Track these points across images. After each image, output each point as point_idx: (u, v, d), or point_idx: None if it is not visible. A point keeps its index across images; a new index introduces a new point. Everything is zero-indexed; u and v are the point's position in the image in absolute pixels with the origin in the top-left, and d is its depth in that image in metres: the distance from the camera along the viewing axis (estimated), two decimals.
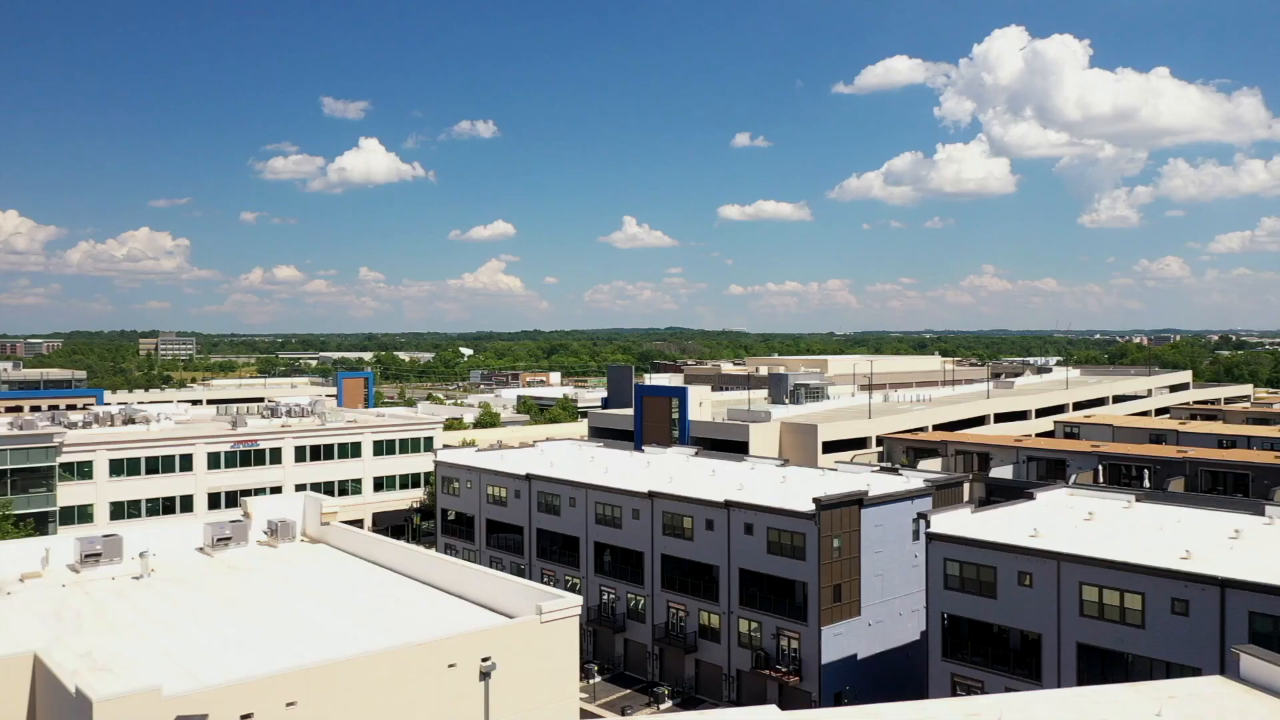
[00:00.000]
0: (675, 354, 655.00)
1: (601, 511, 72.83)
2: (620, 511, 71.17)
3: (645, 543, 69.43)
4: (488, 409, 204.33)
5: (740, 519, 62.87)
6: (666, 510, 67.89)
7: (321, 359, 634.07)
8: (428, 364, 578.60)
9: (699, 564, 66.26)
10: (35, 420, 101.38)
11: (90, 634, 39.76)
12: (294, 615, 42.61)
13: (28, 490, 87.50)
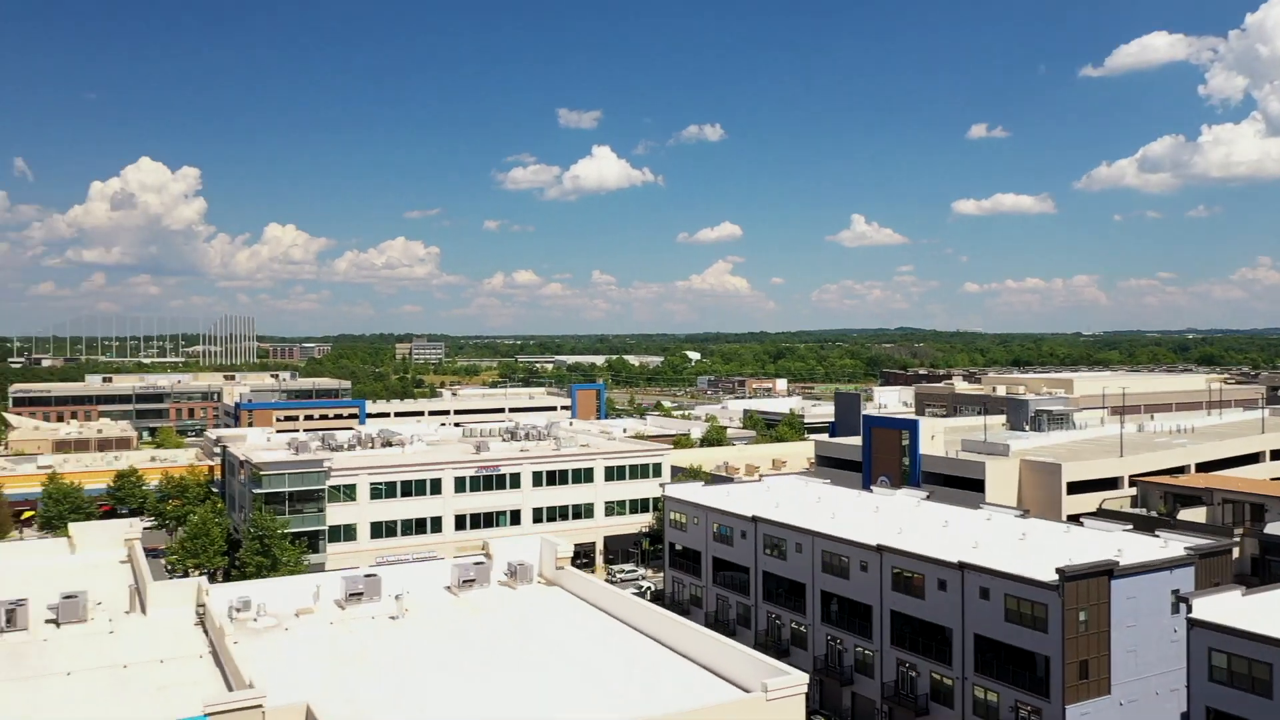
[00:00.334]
0: (905, 358, 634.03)
1: (829, 560, 71.85)
2: (848, 562, 69.93)
3: (874, 596, 67.85)
4: (714, 423, 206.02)
5: (975, 582, 60.14)
6: (896, 565, 66.00)
7: (556, 363, 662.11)
8: (656, 369, 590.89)
9: (930, 624, 63.94)
10: (309, 442, 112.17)
11: (354, 680, 43.69)
12: (532, 667, 45.01)
13: (302, 511, 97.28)
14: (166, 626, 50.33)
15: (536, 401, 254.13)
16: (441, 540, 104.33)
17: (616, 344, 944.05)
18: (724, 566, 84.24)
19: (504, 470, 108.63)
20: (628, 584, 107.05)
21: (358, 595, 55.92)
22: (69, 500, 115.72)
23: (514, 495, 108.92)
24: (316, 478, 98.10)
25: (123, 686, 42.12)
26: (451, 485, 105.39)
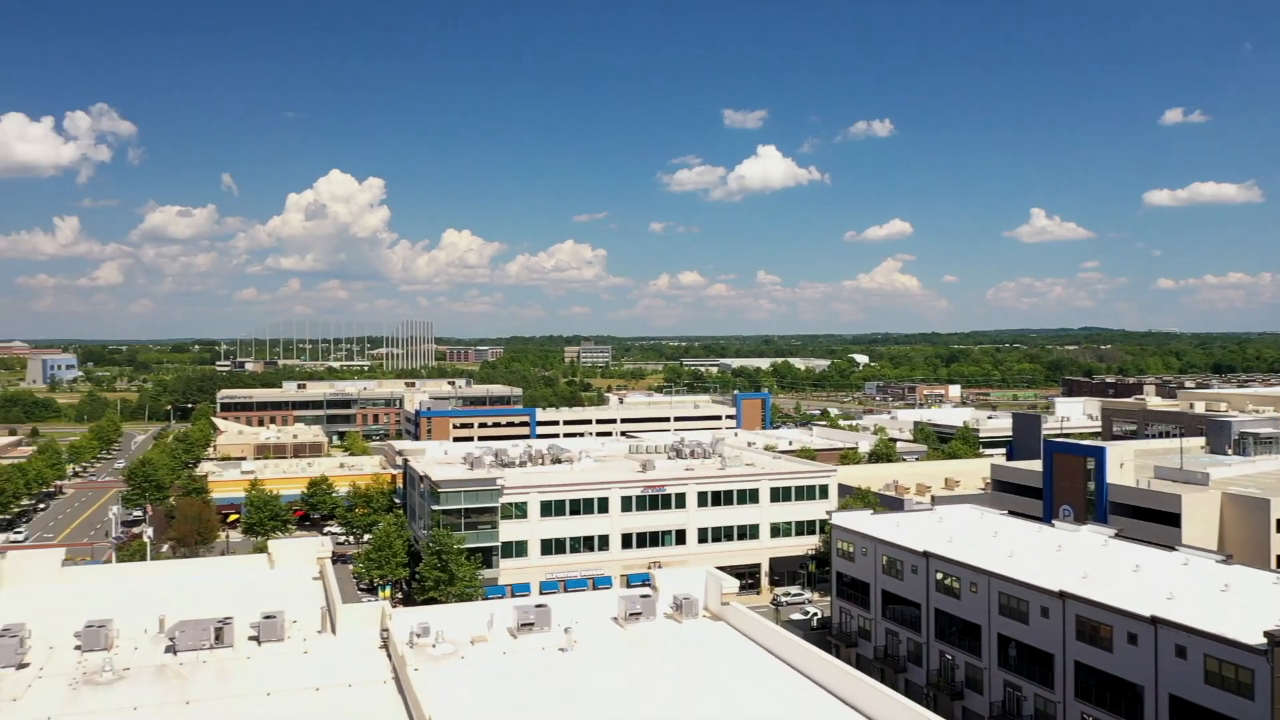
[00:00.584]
0: (1090, 362, 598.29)
1: (1006, 602, 68.66)
2: (1027, 606, 66.60)
3: (1055, 644, 64.35)
4: (883, 436, 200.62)
5: (1170, 639, 56.03)
6: (1081, 614, 62.34)
7: (721, 366, 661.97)
8: (822, 373, 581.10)
9: (1119, 679, 60.05)
10: (483, 457, 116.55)
11: (526, 714, 45.01)
12: (697, 705, 45.17)
13: (477, 527, 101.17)
14: (354, 649, 53.20)
15: (701, 410, 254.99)
16: (609, 558, 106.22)
17: (781, 345, 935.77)
18: (894, 600, 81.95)
19: (670, 490, 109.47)
20: (793, 607, 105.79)
21: (529, 625, 57.54)
22: (268, 508, 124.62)
23: (679, 515, 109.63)
24: (490, 495, 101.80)
25: (315, 711, 44.87)
26: (618, 504, 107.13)
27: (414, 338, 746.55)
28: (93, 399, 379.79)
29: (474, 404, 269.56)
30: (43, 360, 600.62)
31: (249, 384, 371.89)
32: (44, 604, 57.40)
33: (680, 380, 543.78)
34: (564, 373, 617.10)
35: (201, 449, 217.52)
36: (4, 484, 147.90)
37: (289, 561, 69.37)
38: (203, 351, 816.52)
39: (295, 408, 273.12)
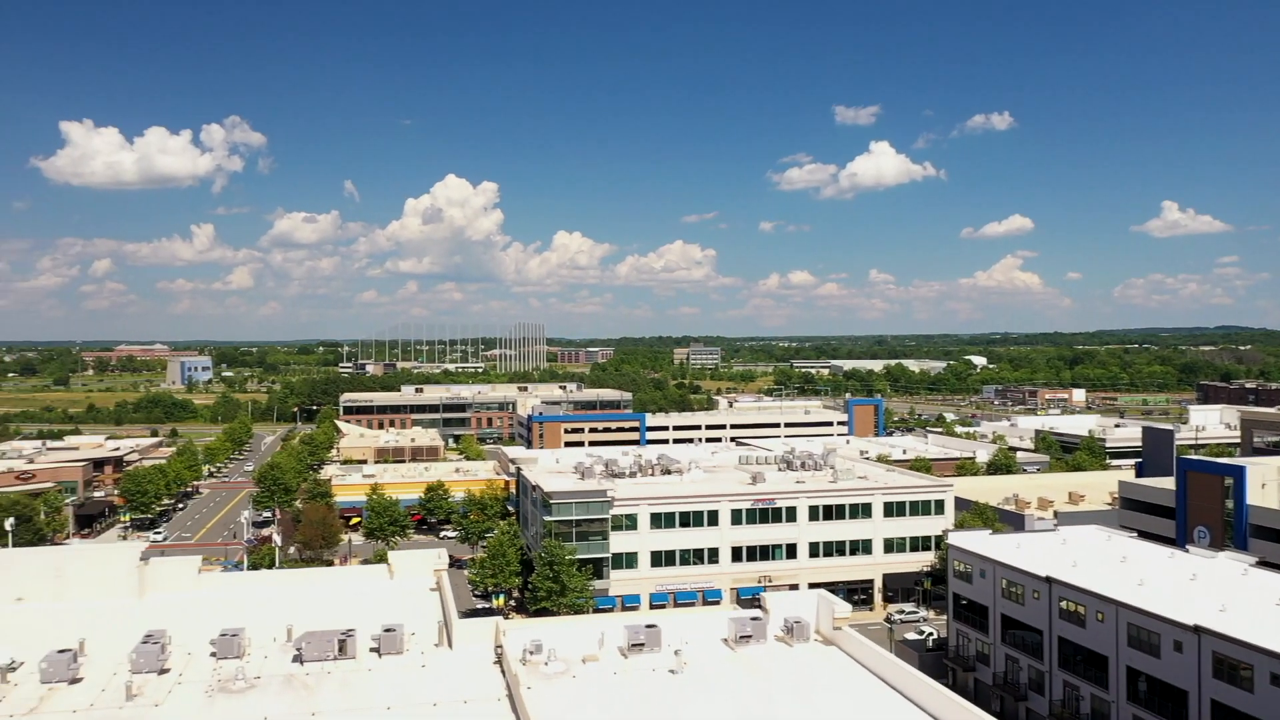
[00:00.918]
0: (1229, 364, 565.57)
1: (1135, 634, 65.52)
2: (1159, 639, 63.40)
3: (1190, 681, 61.07)
4: (1002, 445, 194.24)
5: None
6: (1218, 651, 59.03)
7: (832, 368, 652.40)
8: (938, 375, 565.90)
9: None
10: (593, 467, 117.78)
11: None
12: None
13: (588, 538, 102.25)
14: (469, 664, 54.36)
15: (812, 416, 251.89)
16: (719, 571, 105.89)
17: (895, 346, 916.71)
18: (1014, 625, 79.18)
19: (780, 503, 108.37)
20: (908, 626, 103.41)
21: (639, 645, 57.77)
22: (387, 514, 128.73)
23: (790, 529, 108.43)
24: (601, 507, 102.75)
25: None
26: (728, 517, 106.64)
27: (526, 339, 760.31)
28: (226, 400, 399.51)
29: (584, 408, 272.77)
30: (181, 362, 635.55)
31: (369, 386, 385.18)
32: (182, 611, 60.41)
33: (790, 382, 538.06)
34: (673, 374, 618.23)
35: (325, 451, 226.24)
36: (146, 485, 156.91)
37: (407, 572, 71.33)
38: (327, 353, 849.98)
39: (413, 411, 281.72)
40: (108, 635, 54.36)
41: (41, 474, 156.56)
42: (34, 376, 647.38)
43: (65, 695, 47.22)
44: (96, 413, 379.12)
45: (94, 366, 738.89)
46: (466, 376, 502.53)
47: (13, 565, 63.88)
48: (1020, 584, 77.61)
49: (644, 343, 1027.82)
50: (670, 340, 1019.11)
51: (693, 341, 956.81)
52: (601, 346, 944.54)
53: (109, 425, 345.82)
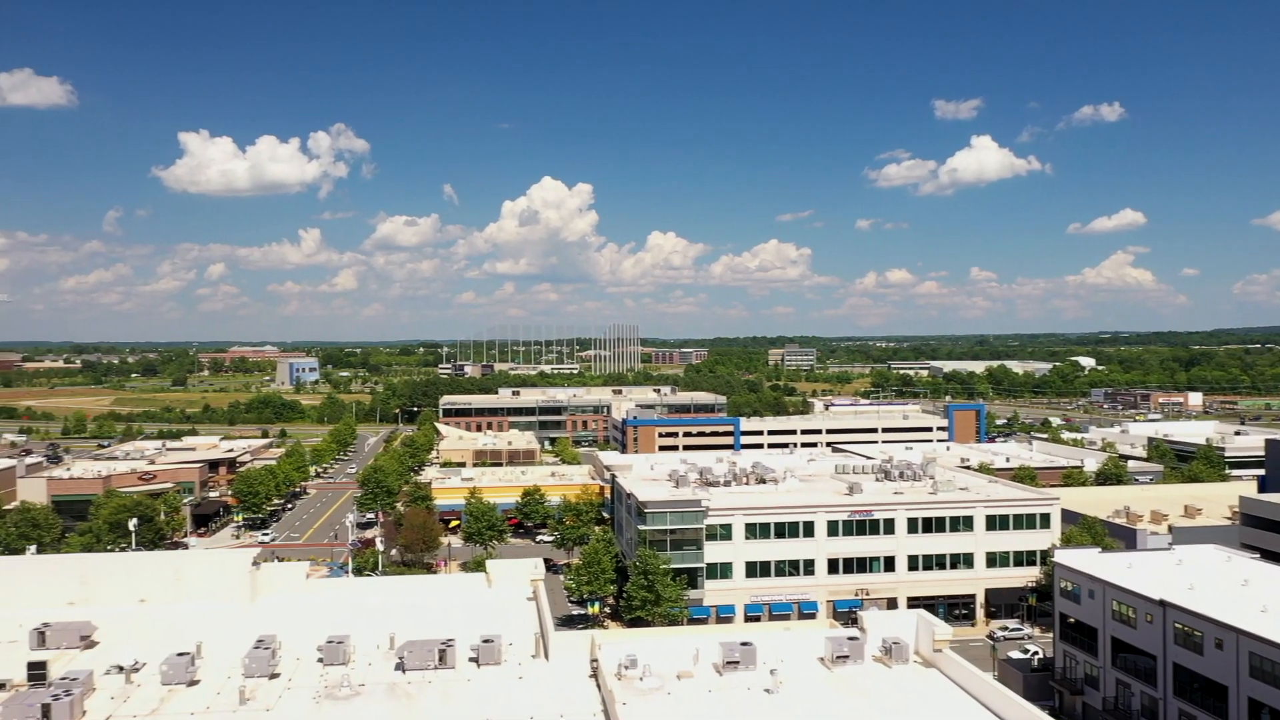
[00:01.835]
0: None
1: (1259, 665, 62.19)
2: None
3: None
4: (1112, 454, 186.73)
5: None
6: None
7: (932, 370, 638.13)
8: (1043, 377, 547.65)
9: None
10: (687, 475, 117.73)
11: None
12: None
13: (682, 548, 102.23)
14: (565, 677, 54.92)
15: (911, 421, 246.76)
16: (815, 583, 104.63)
17: (997, 346, 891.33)
18: (1125, 649, 76.04)
19: (877, 515, 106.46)
20: (1011, 643, 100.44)
21: (734, 663, 57.46)
22: (485, 518, 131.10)
23: (888, 541, 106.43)
24: (695, 517, 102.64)
25: None
26: (824, 528, 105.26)
27: (620, 339, 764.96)
28: (331, 401, 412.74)
29: (678, 411, 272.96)
30: (289, 364, 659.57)
31: (467, 389, 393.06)
32: (291, 616, 62.64)
33: (888, 384, 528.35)
34: (768, 376, 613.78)
35: (425, 453, 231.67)
36: (257, 486, 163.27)
37: (505, 581, 72.51)
38: (427, 354, 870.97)
39: (510, 414, 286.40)
40: (222, 638, 56.72)
41: (162, 475, 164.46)
42: (155, 377, 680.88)
43: (184, 697, 49.41)
44: (211, 413, 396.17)
45: (209, 367, 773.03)
46: (562, 379, 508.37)
47: (137, 568, 67.32)
48: (1132, 606, 74.50)
49: (738, 343, 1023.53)
50: (765, 340, 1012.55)
51: (788, 342, 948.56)
52: (695, 347, 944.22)
53: (223, 425, 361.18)
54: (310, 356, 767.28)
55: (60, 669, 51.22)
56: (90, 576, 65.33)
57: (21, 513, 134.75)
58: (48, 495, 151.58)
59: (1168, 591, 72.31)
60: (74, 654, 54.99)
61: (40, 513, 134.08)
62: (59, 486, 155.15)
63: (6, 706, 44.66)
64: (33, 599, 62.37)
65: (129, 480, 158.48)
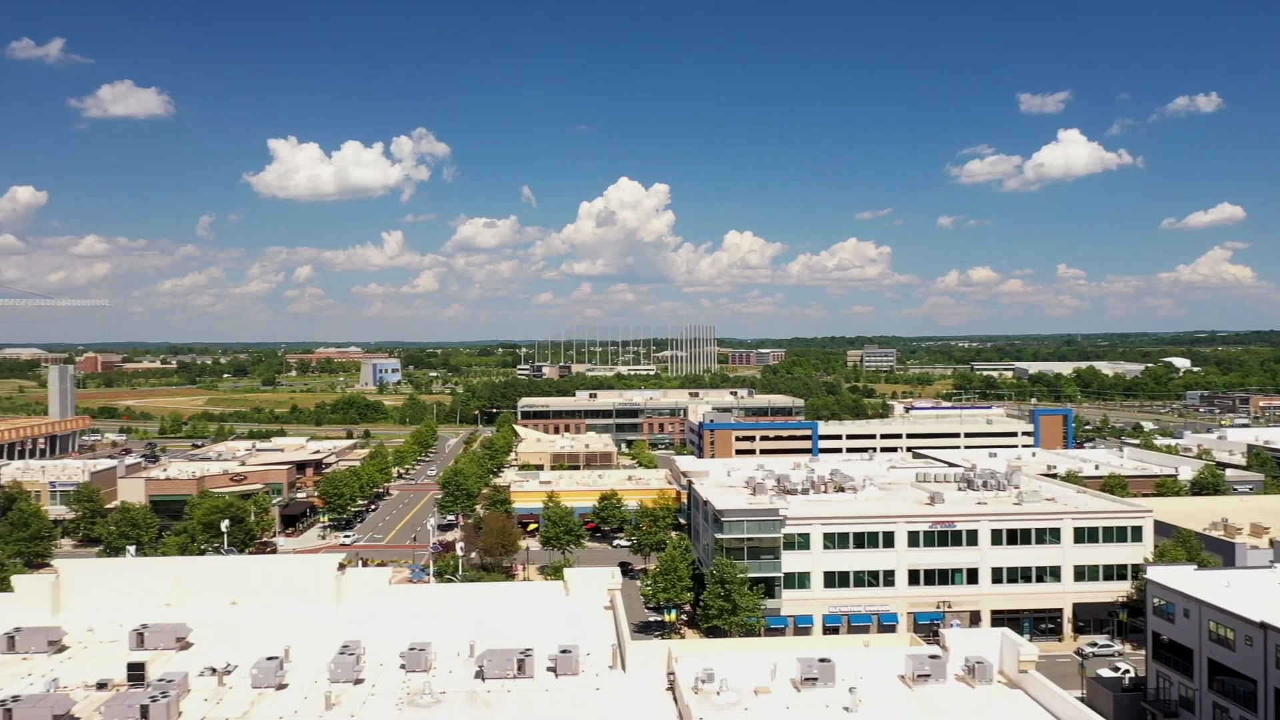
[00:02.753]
0: None
1: None
2: None
3: None
4: (1209, 461, 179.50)
5: None
6: None
7: (1017, 371, 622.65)
8: (1134, 379, 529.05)
9: None
10: (764, 482, 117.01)
11: None
12: None
13: (759, 557, 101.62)
14: (642, 689, 55.01)
15: (994, 426, 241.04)
16: (895, 594, 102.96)
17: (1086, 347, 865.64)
18: (1222, 671, 73.07)
19: (960, 526, 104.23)
20: (1101, 660, 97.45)
21: (812, 680, 56.85)
22: (563, 523, 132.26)
23: (971, 553, 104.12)
24: (772, 525, 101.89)
25: None
26: (904, 539, 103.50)
27: (697, 340, 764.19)
28: (413, 403, 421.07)
29: (755, 414, 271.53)
30: (373, 364, 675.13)
31: (545, 390, 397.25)
32: (374, 621, 63.99)
33: (971, 386, 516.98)
34: (846, 377, 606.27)
35: (504, 455, 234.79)
36: (342, 488, 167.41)
37: (582, 589, 72.90)
38: (505, 354, 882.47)
39: (587, 416, 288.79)
40: (309, 642, 58.25)
41: (252, 476, 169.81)
42: (245, 377, 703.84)
43: (273, 701, 50.86)
44: (299, 413, 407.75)
45: (297, 368, 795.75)
46: (638, 380, 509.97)
47: (229, 571, 69.57)
48: (1231, 628, 71.56)
49: (816, 343, 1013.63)
50: (843, 340, 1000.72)
51: (867, 342, 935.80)
52: (772, 348, 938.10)
53: (309, 425, 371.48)
54: (393, 357, 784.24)
55: (157, 670, 53.17)
56: (185, 579, 67.75)
57: (122, 512, 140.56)
58: (146, 495, 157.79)
59: (1270, 614, 69.27)
60: (170, 655, 57.01)
61: (139, 513, 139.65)
62: (156, 487, 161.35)
63: (108, 706, 46.49)
64: (132, 600, 64.93)
65: (221, 481, 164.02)
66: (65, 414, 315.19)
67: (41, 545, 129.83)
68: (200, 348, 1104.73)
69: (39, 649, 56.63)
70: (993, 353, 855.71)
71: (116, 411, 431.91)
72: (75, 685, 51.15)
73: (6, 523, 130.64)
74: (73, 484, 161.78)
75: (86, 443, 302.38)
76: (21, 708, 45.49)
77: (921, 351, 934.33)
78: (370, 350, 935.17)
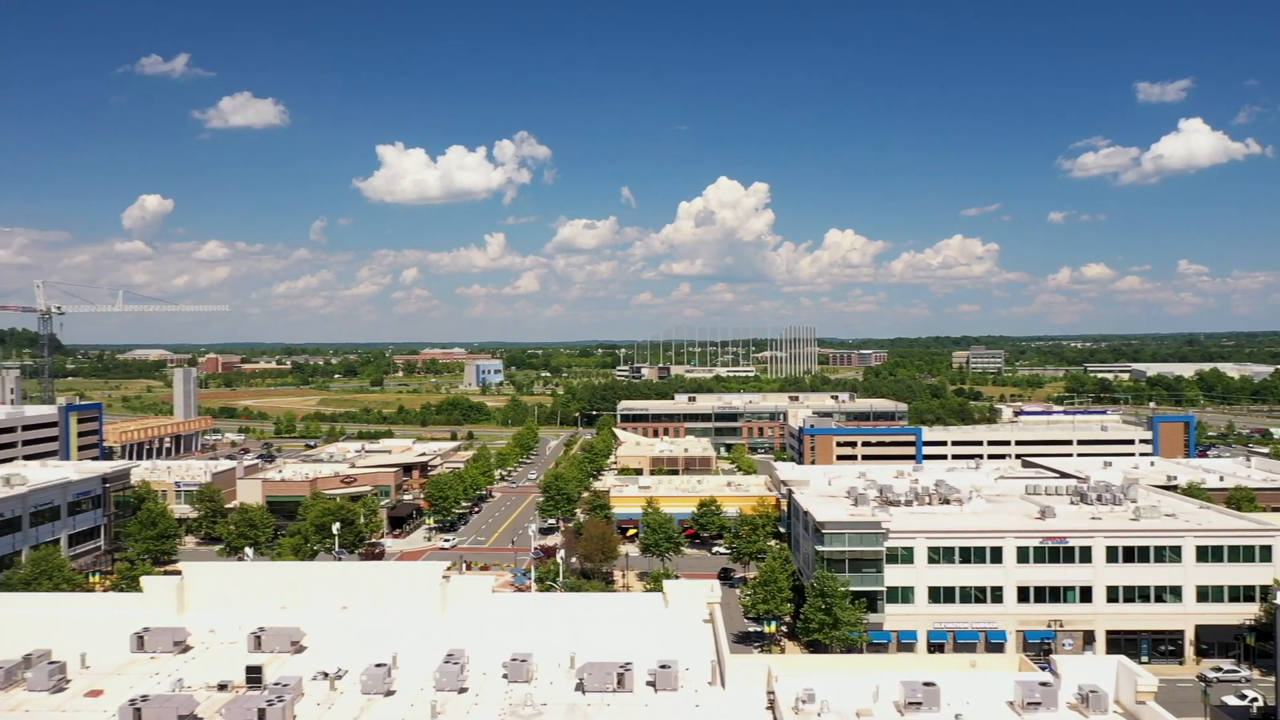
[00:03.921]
0: None
1: None
2: None
3: None
4: None
5: None
6: None
7: (1134, 373, 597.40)
8: (1263, 382, 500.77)
9: None
10: (866, 493, 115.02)
11: None
12: None
13: (861, 570, 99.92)
14: (741, 708, 54.67)
15: (1109, 434, 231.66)
16: (1003, 611, 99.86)
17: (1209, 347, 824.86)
18: None
19: (1073, 543, 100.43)
20: (1226, 686, 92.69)
21: (916, 704, 55.64)
22: (662, 530, 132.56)
23: (1084, 570, 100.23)
24: (875, 539, 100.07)
25: None
26: (1013, 555, 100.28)
27: (797, 340, 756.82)
28: (514, 404, 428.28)
29: (857, 419, 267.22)
30: (476, 365, 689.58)
31: (644, 393, 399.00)
32: (477, 630, 65.26)
33: (1084, 389, 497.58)
34: (952, 379, 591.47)
35: (604, 459, 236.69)
36: (447, 491, 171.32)
37: (681, 602, 72.88)
38: (604, 355, 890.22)
39: (686, 420, 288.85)
40: (415, 649, 59.83)
41: (361, 478, 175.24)
42: (355, 378, 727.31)
43: (381, 707, 52.32)
44: (405, 414, 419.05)
45: (403, 369, 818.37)
46: (737, 383, 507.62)
47: (340, 577, 72.01)
48: None
49: (920, 343, 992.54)
50: (948, 341, 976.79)
51: (973, 343, 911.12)
52: (874, 348, 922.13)
53: (415, 426, 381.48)
54: (495, 358, 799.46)
55: (274, 673, 55.33)
56: (299, 583, 70.47)
57: (241, 513, 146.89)
58: (263, 496, 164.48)
59: None
60: (285, 658, 59.22)
61: (256, 513, 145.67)
62: (272, 488, 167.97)
63: (229, 708, 48.53)
64: (250, 602, 67.88)
65: (332, 483, 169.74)
66: (189, 414, 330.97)
67: (168, 544, 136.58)
68: (313, 348, 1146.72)
69: (165, 649, 59.53)
70: (1108, 353, 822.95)
71: (235, 411, 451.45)
72: (198, 686, 53.49)
73: (136, 521, 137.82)
74: (196, 484, 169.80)
75: (208, 442, 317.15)
76: (150, 707, 47.86)
77: (1031, 352, 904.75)
78: (474, 351, 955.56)
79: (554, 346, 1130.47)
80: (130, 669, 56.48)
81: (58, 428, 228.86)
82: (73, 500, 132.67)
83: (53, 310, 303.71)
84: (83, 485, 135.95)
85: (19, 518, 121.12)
